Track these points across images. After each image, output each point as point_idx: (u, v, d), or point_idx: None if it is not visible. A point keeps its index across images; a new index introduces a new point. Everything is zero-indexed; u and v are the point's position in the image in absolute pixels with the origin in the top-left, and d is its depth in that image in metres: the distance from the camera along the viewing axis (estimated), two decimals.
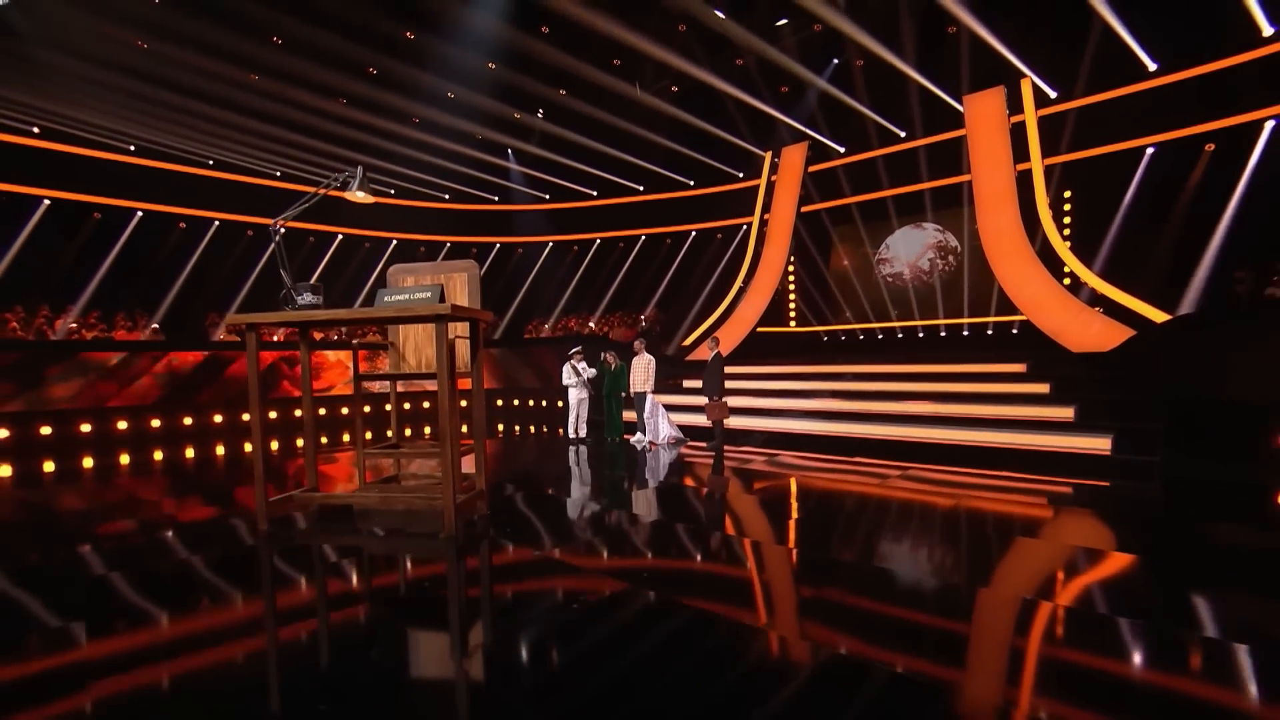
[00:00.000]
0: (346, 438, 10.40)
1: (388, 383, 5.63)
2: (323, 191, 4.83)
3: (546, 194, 18.44)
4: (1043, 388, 8.60)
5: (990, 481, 6.16)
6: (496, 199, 18.60)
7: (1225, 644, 2.53)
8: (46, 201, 13.20)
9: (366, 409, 12.66)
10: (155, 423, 10.93)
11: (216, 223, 15.39)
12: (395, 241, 17.73)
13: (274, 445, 9.49)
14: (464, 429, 9.03)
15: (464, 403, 11.05)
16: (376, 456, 6.21)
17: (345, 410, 12.89)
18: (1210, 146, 10.96)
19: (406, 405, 13.71)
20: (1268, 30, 9.79)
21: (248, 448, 9.27)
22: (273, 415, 11.99)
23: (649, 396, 8.96)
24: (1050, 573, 3.63)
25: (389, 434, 6.29)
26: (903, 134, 13.77)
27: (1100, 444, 6.95)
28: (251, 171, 15.55)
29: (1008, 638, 2.73)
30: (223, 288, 14.79)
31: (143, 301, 13.52)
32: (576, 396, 9.58)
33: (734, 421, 8.83)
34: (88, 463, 8.18)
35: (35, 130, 13.04)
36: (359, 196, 4.86)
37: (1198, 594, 3.19)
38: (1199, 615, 2.93)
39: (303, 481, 5.16)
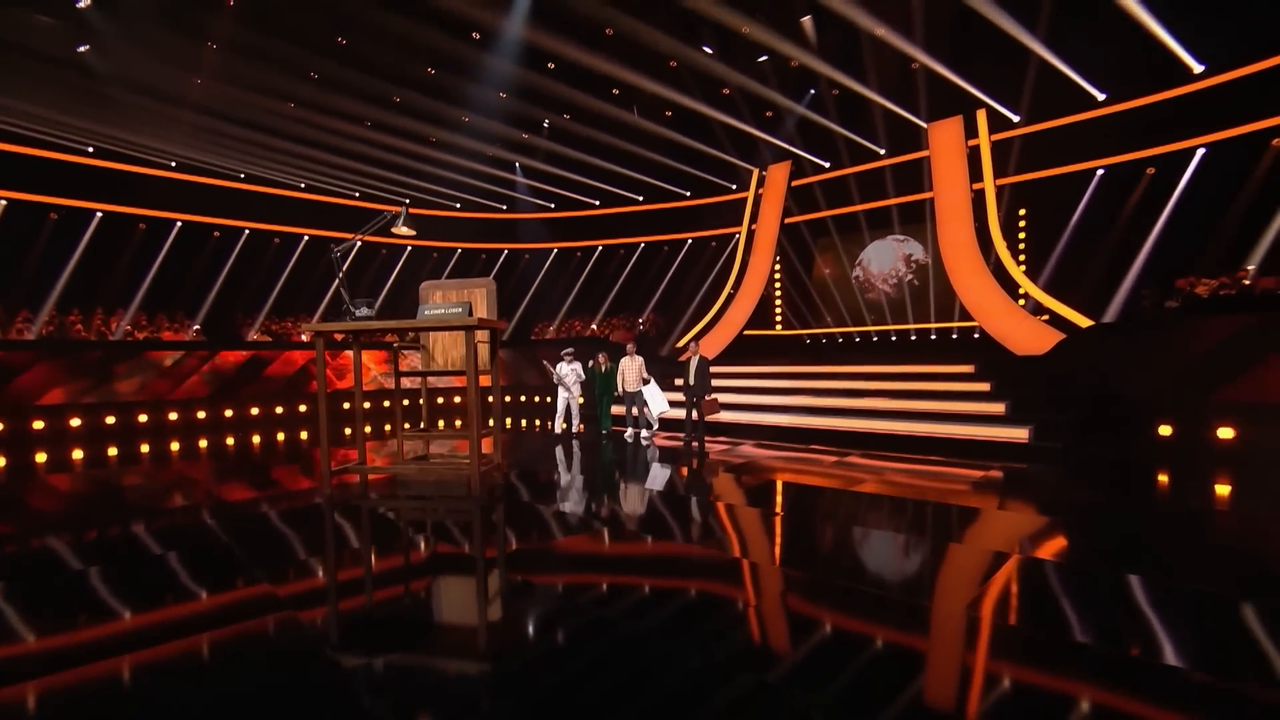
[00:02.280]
0: (368, 429, 11.73)
1: (413, 378, 6.94)
2: (365, 237, 6.13)
3: (552, 203, 19.77)
4: (985, 386, 9.80)
5: (930, 466, 7.37)
6: (505, 208, 19.93)
7: (1090, 575, 3.82)
8: (99, 214, 14.59)
9: (386, 403, 14.02)
10: (208, 413, 12.33)
11: (247, 231, 16.76)
12: (410, 248, 19.08)
13: (303, 435, 10.86)
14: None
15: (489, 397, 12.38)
16: (410, 439, 7.49)
17: (367, 404, 14.25)
18: (1151, 170, 12.17)
19: (440, 400, 15.07)
20: (1197, 69, 10.98)
21: (280, 437, 10.65)
22: (303, 408, 13.37)
23: (643, 390, 9.82)
24: (947, 529, 4.91)
25: (421, 424, 7.58)
26: (881, 151, 15.00)
27: (1021, 434, 8.19)
28: (279, 184, 16.91)
29: (933, 578, 4.03)
30: (254, 292, 16.17)
31: (184, 305, 14.90)
32: (564, 396, 10.25)
33: (722, 415, 9.92)
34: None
35: (90, 150, 14.44)
36: (404, 231, 6.16)
37: (1069, 543, 4.48)
38: (1074, 557, 4.22)
39: (352, 457, 6.48)
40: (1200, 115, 10.90)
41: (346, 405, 13.02)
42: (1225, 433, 7.14)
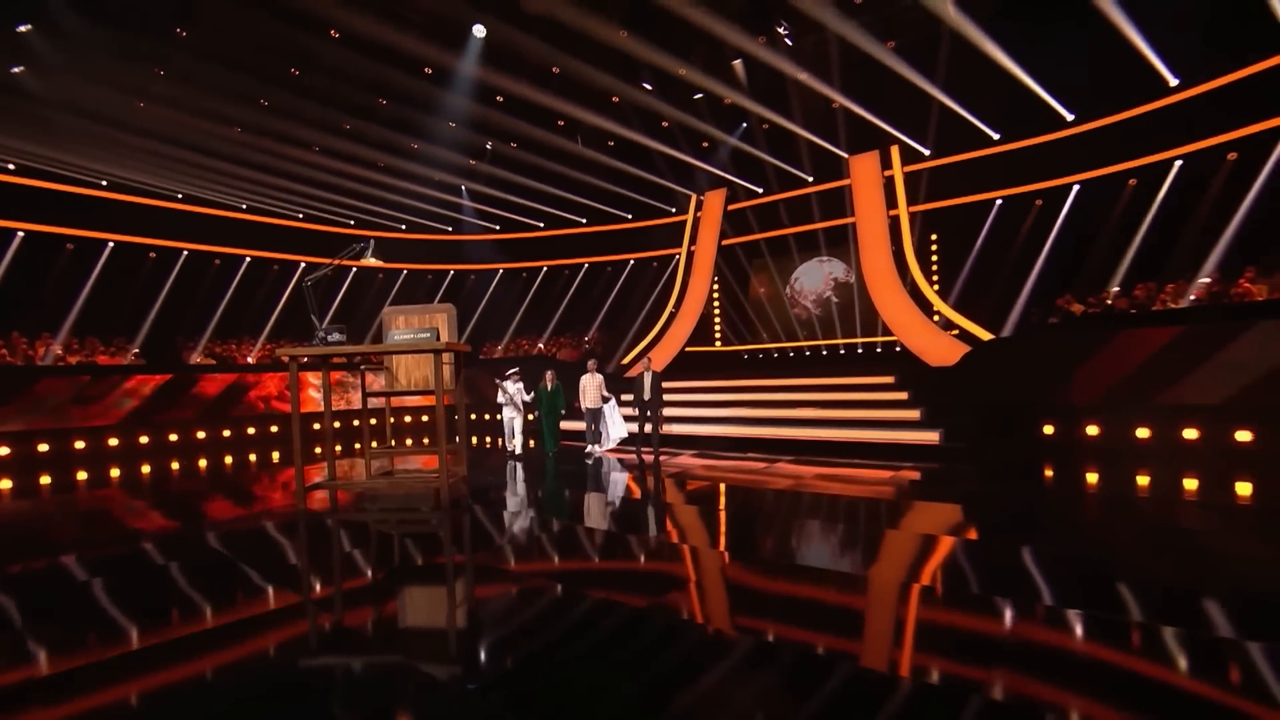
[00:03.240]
0: (335, 447, 11.84)
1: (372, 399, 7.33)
2: (340, 261, 6.56)
3: (497, 225, 20.22)
4: (903, 395, 10.90)
5: (853, 468, 8.30)
6: (450, 229, 20.24)
7: (981, 545, 4.66)
8: (20, 234, 14.08)
9: (337, 424, 14.05)
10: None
11: (185, 252, 16.45)
12: (354, 269, 19.08)
13: (252, 457, 10.94)
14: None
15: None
16: (378, 456, 7.84)
17: (316, 425, 14.25)
18: (1039, 202, 13.78)
19: (391, 419, 15.14)
20: (1069, 116, 12.62)
21: (227, 460, 10.72)
22: (251, 430, 13.30)
23: (603, 407, 9.82)
24: (855, 512, 5.74)
25: (391, 442, 7.96)
26: (809, 179, 16.22)
27: (933, 436, 9.26)
28: (219, 204, 16.69)
29: (860, 556, 4.79)
30: (195, 315, 15.89)
31: (120, 329, 14.52)
32: (510, 414, 10.23)
33: (667, 428, 10.56)
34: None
35: (10, 167, 13.96)
36: (372, 262, 6.61)
37: (967, 521, 5.35)
38: (978, 532, 5.07)
39: (312, 475, 6.81)
40: (1074, 157, 12.53)
41: (317, 426, 13.03)
42: (1092, 430, 8.39)
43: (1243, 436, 7.35)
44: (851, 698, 2.36)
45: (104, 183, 15.20)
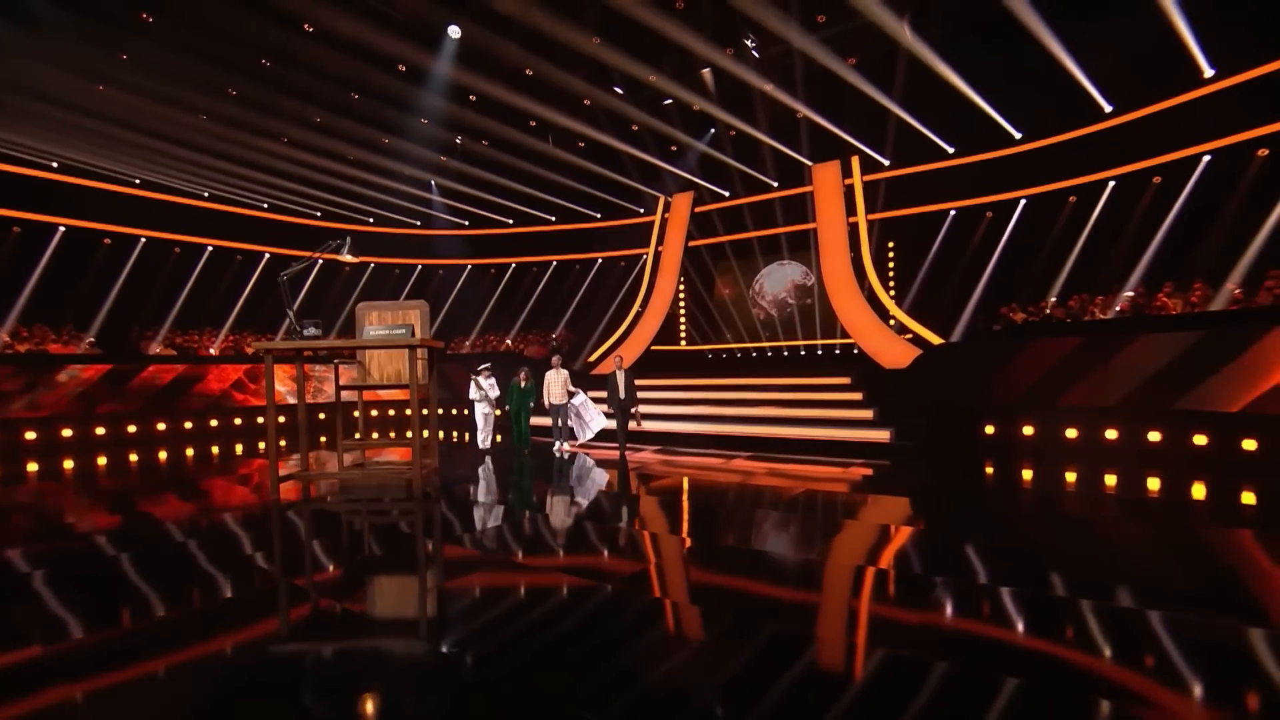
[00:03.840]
0: (284, 442, 11.82)
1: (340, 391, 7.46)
2: (320, 255, 6.69)
3: (466, 221, 20.24)
4: (858, 395, 11.44)
5: (807, 464, 8.76)
6: (419, 224, 20.17)
7: (924, 532, 5.07)
8: None
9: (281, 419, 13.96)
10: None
11: (143, 240, 16.05)
12: (320, 261, 18.86)
13: (215, 449, 10.88)
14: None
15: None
16: (350, 448, 7.94)
17: (282, 419, 14.13)
18: (989, 214, 14.54)
19: (356, 413, 15.07)
20: (1016, 135, 13.39)
21: (189, 452, 10.64)
22: (214, 423, 13.15)
23: (574, 400, 9.97)
24: (811, 501, 6.16)
25: (356, 435, 8.07)
26: (774, 184, 16.73)
27: (884, 435, 9.79)
28: (181, 192, 16.33)
29: (815, 542, 5.17)
30: (154, 304, 15.54)
31: (73, 317, 14.12)
32: (482, 411, 10.25)
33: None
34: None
35: None
36: (348, 258, 6.76)
37: (913, 513, 5.79)
38: (924, 518, 5.50)
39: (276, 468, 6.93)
40: (1020, 173, 13.31)
41: (283, 419, 12.88)
42: (1028, 429, 9.04)
43: (1154, 437, 8.06)
44: (773, 654, 2.73)
45: (54, 164, 14.74)
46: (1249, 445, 7.29)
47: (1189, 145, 10.84)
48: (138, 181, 15.93)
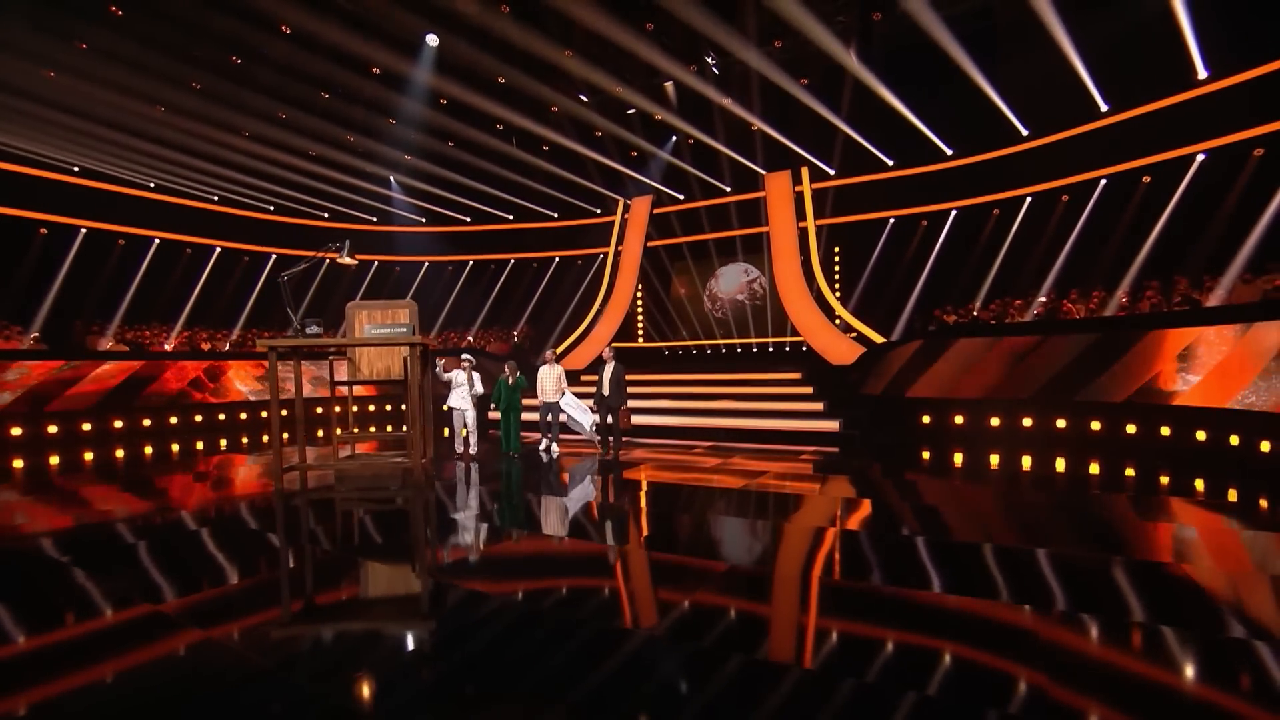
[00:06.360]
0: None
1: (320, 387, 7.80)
2: (320, 254, 7.02)
3: (424, 218, 20.29)
4: (809, 389, 12.43)
5: (764, 457, 9.61)
6: (375, 219, 20.09)
7: (873, 510, 5.90)
8: None
9: (264, 412, 13.92)
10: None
11: (83, 231, 15.47)
12: (275, 256, 18.58)
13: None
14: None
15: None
16: (346, 440, 8.23)
17: (243, 415, 14.04)
18: (924, 223, 15.84)
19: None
20: (948, 151, 14.71)
21: (149, 450, 10.63)
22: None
23: (562, 401, 9.24)
24: (764, 481, 6.96)
25: (354, 429, 8.37)
26: (727, 189, 17.61)
27: (834, 425, 10.78)
28: (125, 182, 15.81)
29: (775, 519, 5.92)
30: (100, 299, 15.06)
31: (10, 313, 13.55)
32: (462, 408, 9.03)
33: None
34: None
35: None
36: (347, 261, 7.11)
37: (858, 493, 6.65)
38: (874, 496, 6.34)
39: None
40: (951, 186, 14.64)
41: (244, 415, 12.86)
42: (959, 419, 10.20)
43: (1060, 423, 9.33)
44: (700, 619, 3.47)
45: None
46: (1130, 429, 8.60)
47: (1092, 169, 12.32)
48: (76, 169, 15.34)
